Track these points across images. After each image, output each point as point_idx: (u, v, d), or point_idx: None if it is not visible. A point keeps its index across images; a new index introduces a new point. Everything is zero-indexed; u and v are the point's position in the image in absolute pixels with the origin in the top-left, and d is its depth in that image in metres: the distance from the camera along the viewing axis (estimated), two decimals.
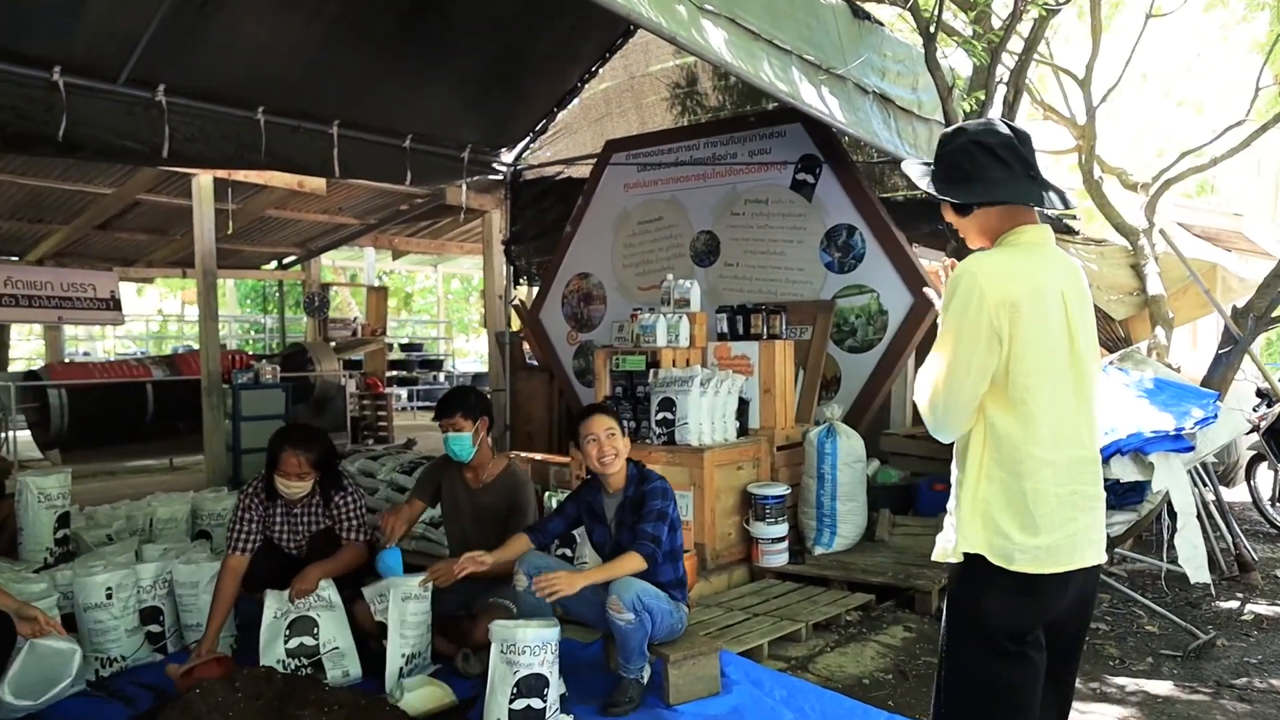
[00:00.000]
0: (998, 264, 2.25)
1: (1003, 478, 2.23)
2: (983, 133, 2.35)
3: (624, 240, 7.87)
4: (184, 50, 6.01)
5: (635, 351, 5.90)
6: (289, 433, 4.46)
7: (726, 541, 5.47)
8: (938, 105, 5.35)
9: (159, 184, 9.29)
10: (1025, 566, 2.20)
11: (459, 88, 7.55)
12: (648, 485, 3.96)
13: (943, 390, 2.23)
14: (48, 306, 10.21)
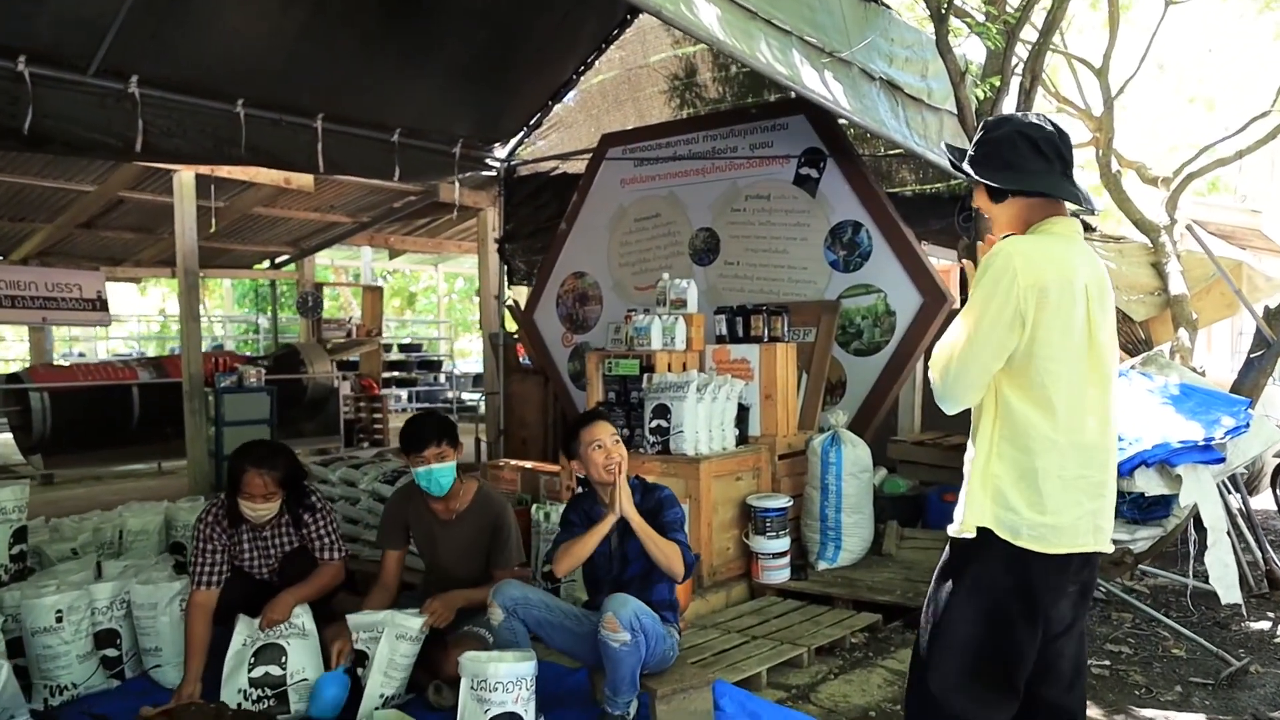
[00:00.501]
0: (1034, 248, 2.30)
1: (1013, 455, 2.29)
2: (1029, 126, 2.41)
3: (620, 238, 7.58)
4: (158, 39, 5.74)
5: (629, 355, 5.60)
6: (250, 451, 4.10)
7: (725, 557, 5.17)
8: (949, 93, 5.04)
9: (140, 181, 9.02)
10: (1031, 543, 2.26)
11: (449, 80, 7.27)
12: (659, 494, 3.75)
13: (957, 360, 2.30)
14: (31, 307, 9.96)
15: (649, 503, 3.70)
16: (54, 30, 5.43)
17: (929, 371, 2.41)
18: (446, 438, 4.02)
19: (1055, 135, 2.39)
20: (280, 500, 4.09)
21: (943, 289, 5.93)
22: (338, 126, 6.97)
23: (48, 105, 5.59)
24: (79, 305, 10.24)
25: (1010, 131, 2.41)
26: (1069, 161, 2.41)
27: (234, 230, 11.14)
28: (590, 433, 3.69)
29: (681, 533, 3.65)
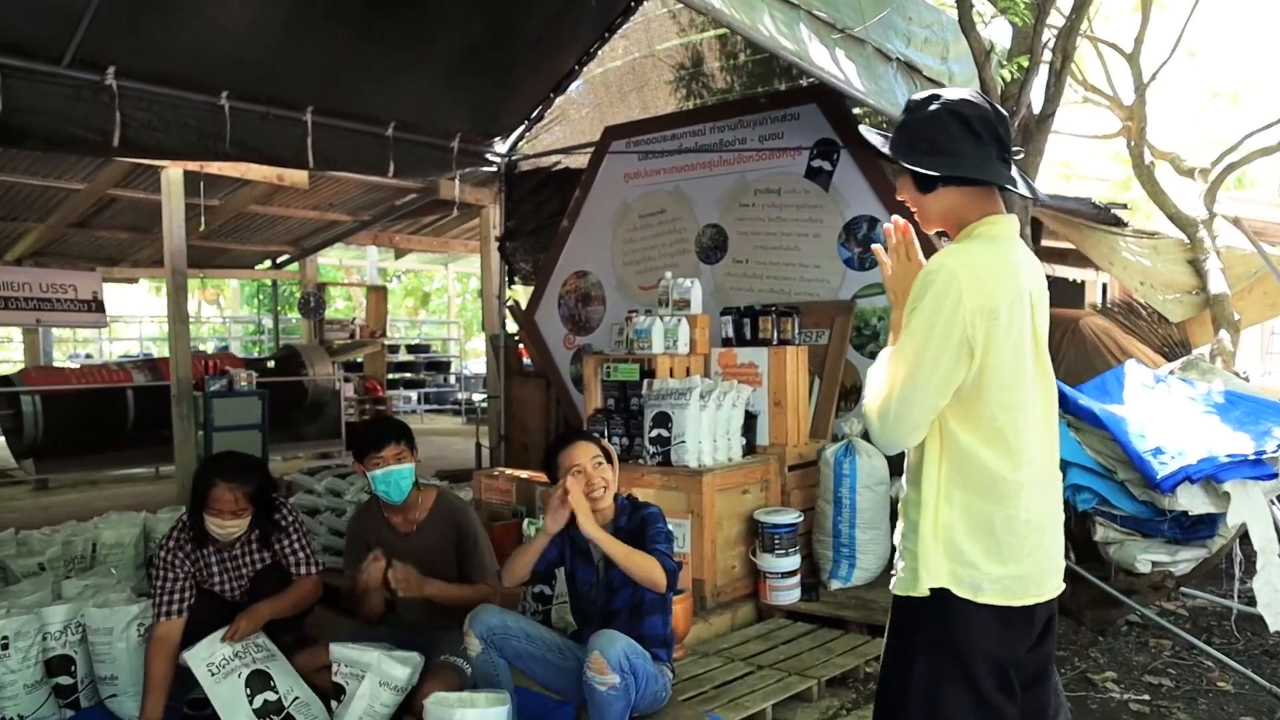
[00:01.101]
0: (978, 262, 2.02)
1: (966, 500, 2.04)
2: (960, 103, 2.10)
3: (624, 235, 7.25)
4: (135, 29, 5.44)
5: (628, 359, 5.27)
6: (219, 463, 3.83)
7: (729, 576, 4.82)
8: (971, 77, 4.68)
9: (129, 178, 8.76)
10: (995, 598, 2.01)
11: (445, 70, 6.94)
12: (645, 511, 3.40)
13: (897, 398, 2.02)
14: (25, 308, 9.70)
15: (633, 522, 3.37)
16: (24, 19, 5.15)
17: (863, 408, 2.13)
18: (405, 439, 3.77)
19: (991, 114, 2.10)
20: (249, 516, 3.80)
21: None
22: (328, 120, 6.66)
23: (20, 98, 5.31)
24: (74, 306, 9.98)
25: (938, 110, 2.10)
26: (1007, 145, 2.12)
27: (232, 229, 10.89)
28: (569, 456, 3.38)
29: (665, 545, 3.30)
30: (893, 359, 2.05)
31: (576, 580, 3.47)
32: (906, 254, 2.17)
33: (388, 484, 3.71)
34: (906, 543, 2.11)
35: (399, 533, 3.85)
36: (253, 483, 3.76)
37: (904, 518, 2.15)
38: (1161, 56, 6.33)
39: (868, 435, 5.20)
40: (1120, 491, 4.14)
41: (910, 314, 2.03)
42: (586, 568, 3.43)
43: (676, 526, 4.66)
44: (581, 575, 3.45)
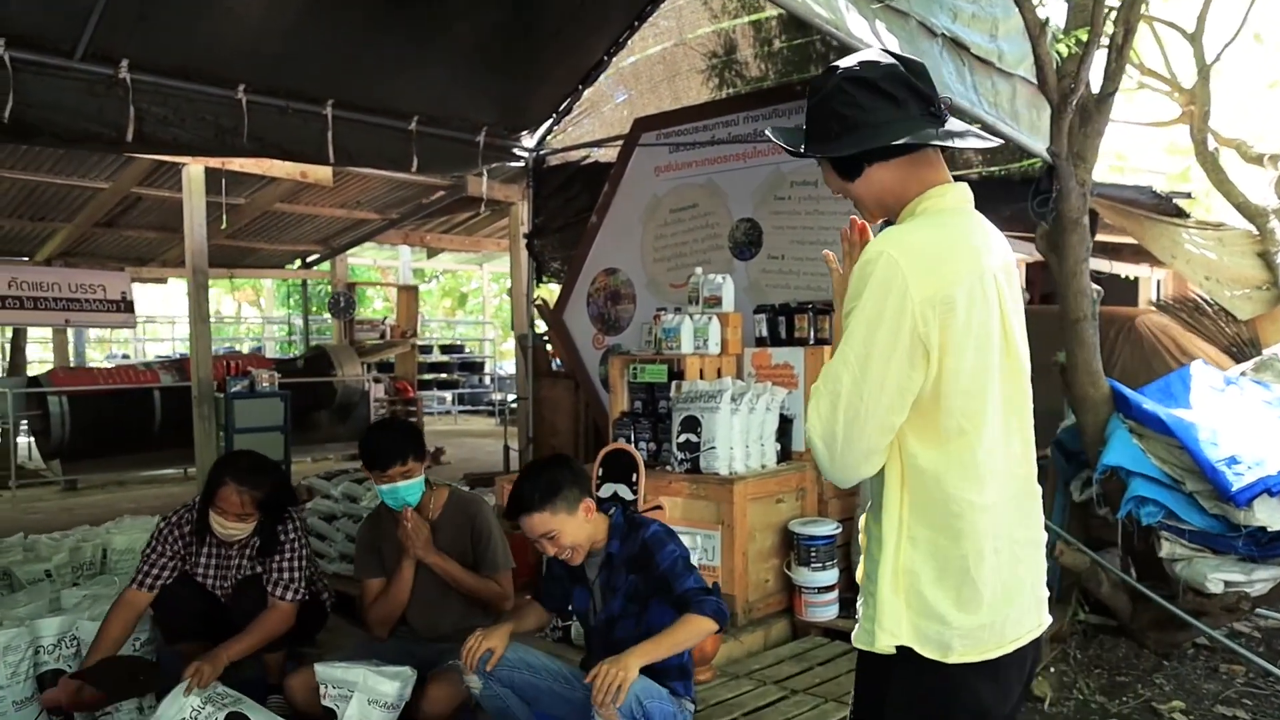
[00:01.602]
0: (924, 244, 1.69)
1: (930, 538, 1.70)
2: (858, 66, 1.79)
3: (654, 231, 6.97)
4: (147, 20, 5.25)
5: (656, 360, 5.00)
6: (234, 462, 3.67)
7: (762, 591, 4.54)
8: (1023, 58, 4.35)
9: (152, 177, 8.64)
10: (967, 655, 1.68)
11: (470, 62, 6.71)
12: (646, 534, 3.00)
13: (844, 419, 1.65)
14: (54, 308, 9.63)
15: (631, 548, 3.00)
16: (34, 11, 5.00)
17: (807, 435, 1.74)
18: (411, 452, 3.53)
19: (899, 67, 1.77)
20: (255, 522, 3.61)
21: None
22: (349, 114, 6.44)
23: (32, 93, 5.15)
24: (103, 306, 9.90)
25: (837, 82, 1.79)
26: (932, 98, 1.78)
27: (260, 229, 10.77)
28: (524, 530, 3.00)
29: (690, 575, 2.92)
30: (831, 371, 1.69)
31: (575, 607, 3.21)
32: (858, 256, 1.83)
33: (395, 499, 3.53)
34: (871, 586, 1.77)
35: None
36: (264, 488, 3.59)
37: (867, 558, 1.80)
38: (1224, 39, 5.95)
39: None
40: (1189, 504, 3.81)
41: (848, 316, 1.69)
42: (582, 592, 3.15)
43: (706, 538, 4.41)
44: (579, 602, 3.18)
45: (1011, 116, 4.43)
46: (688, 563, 2.97)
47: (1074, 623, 4.58)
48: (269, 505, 3.64)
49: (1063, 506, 4.97)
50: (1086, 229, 4.23)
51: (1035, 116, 4.67)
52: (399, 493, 3.48)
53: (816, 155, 1.84)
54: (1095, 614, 4.62)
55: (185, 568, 3.71)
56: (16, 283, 9.28)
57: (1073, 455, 4.82)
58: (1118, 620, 4.48)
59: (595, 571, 3.08)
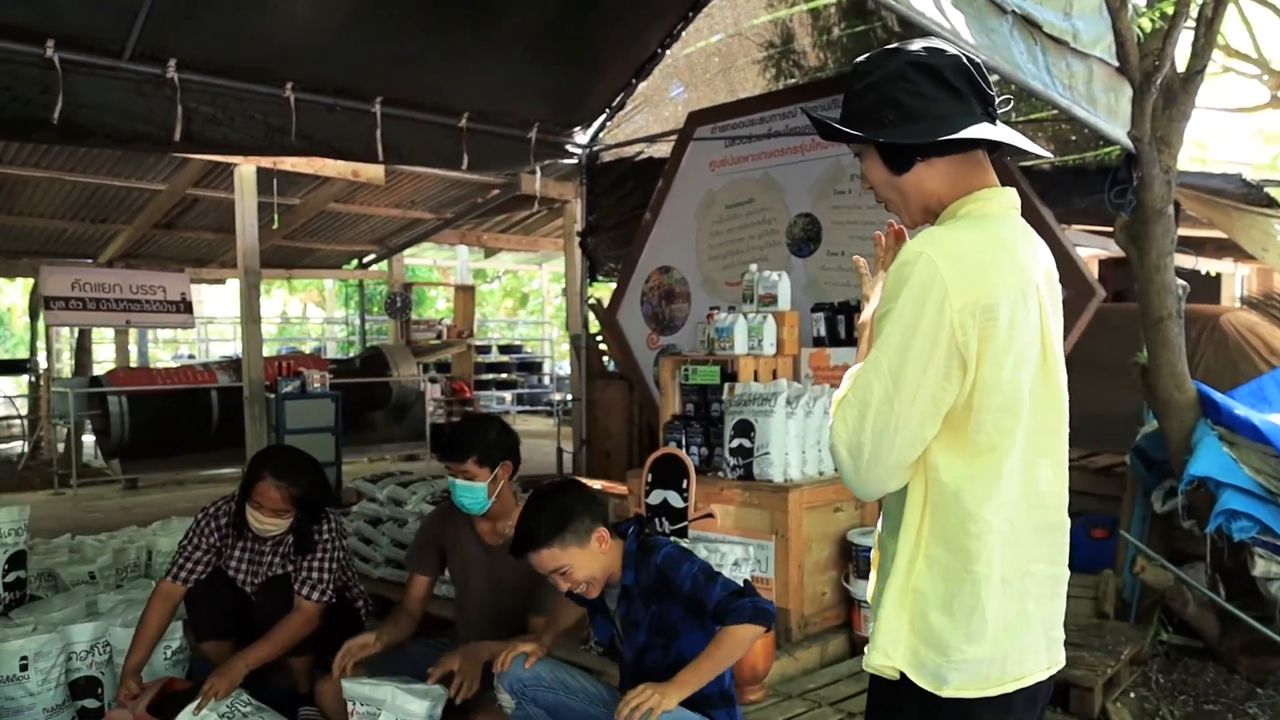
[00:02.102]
0: (967, 248, 1.60)
1: (946, 560, 1.62)
2: (925, 53, 1.69)
3: (710, 228, 6.76)
4: (193, 19, 5.24)
5: (708, 360, 4.80)
6: (272, 458, 3.60)
7: (819, 604, 4.30)
8: (1100, 37, 4.06)
9: (207, 178, 8.68)
10: (963, 689, 1.60)
11: (521, 56, 6.57)
12: (658, 557, 2.76)
13: (872, 430, 1.57)
14: (115, 309, 9.73)
15: (648, 577, 2.76)
16: (82, 11, 4.99)
17: (831, 444, 1.64)
18: (474, 454, 3.31)
19: (965, 62, 1.69)
20: (291, 520, 3.52)
21: (1089, 280, 4.94)
22: (398, 111, 6.36)
23: (81, 94, 5.17)
24: (163, 307, 9.99)
25: (899, 66, 1.68)
26: (991, 97, 1.70)
27: (315, 229, 10.80)
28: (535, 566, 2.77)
29: (714, 585, 2.66)
30: (861, 378, 1.60)
31: (596, 637, 3.05)
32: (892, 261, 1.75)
33: (455, 496, 3.38)
34: (875, 605, 1.71)
35: (483, 544, 3.49)
36: (301, 485, 3.51)
37: (882, 575, 1.72)
38: None
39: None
40: None
41: (882, 319, 1.59)
42: (603, 623, 2.94)
43: (759, 548, 4.19)
44: (599, 634, 2.99)
45: (1088, 100, 4.14)
46: (710, 574, 2.73)
47: (1156, 644, 4.27)
48: (306, 503, 3.56)
49: (1143, 518, 4.66)
50: (1171, 219, 3.93)
51: (1113, 100, 4.37)
52: (458, 490, 3.34)
53: (874, 141, 1.71)
54: (1180, 635, 4.30)
55: (219, 562, 3.66)
56: (79, 284, 9.39)
57: (1154, 463, 4.51)
58: (1204, 642, 4.16)
59: (615, 603, 2.86)
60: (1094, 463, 5.66)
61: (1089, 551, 4.93)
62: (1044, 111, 5.33)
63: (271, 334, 21.42)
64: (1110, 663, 3.85)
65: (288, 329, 23.17)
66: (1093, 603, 4.58)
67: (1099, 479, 5.44)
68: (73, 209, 9.30)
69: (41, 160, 8.01)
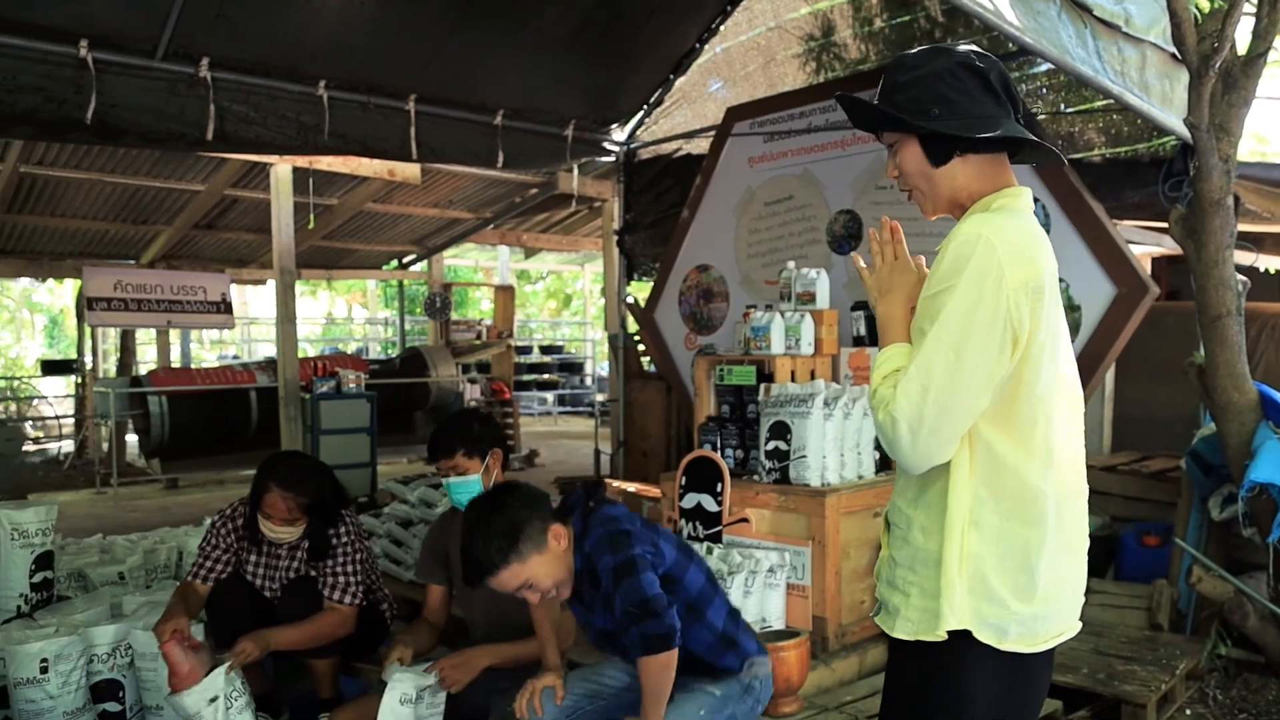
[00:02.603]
0: (1015, 232, 1.74)
1: (998, 524, 1.75)
2: (972, 55, 1.84)
3: (748, 225, 6.63)
4: (227, 17, 5.23)
5: (744, 360, 4.66)
6: (278, 466, 3.53)
7: (857, 613, 4.15)
8: (1154, 22, 3.88)
9: (245, 179, 8.69)
10: (1017, 644, 1.76)
11: (556, 52, 6.50)
12: (589, 542, 2.56)
13: (935, 402, 1.68)
14: (157, 310, 9.80)
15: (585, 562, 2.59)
16: (114, 11, 5.00)
17: (877, 419, 1.77)
18: (461, 446, 3.24)
19: (1004, 70, 1.85)
20: (304, 526, 3.47)
21: (1143, 277, 4.73)
22: (432, 108, 6.32)
23: (115, 93, 5.20)
24: (203, 308, 10.05)
25: (950, 64, 1.81)
26: (1020, 106, 1.87)
27: (354, 229, 10.80)
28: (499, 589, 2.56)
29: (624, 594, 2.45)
30: (923, 354, 1.70)
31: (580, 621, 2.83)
32: (895, 253, 1.97)
33: (451, 495, 3.31)
34: (913, 576, 1.80)
35: None
36: (308, 493, 3.46)
37: (904, 545, 1.84)
38: None
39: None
40: None
41: (937, 296, 1.70)
42: (578, 608, 2.77)
43: (795, 554, 4.06)
44: (576, 612, 2.82)
45: (1140, 87, 3.95)
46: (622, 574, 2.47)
47: (1213, 658, 4.07)
48: (317, 509, 3.51)
49: (1199, 525, 4.45)
50: (1230, 211, 3.73)
51: (1168, 88, 4.18)
52: (452, 489, 3.25)
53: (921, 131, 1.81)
54: (1239, 649, 4.10)
55: (237, 565, 3.61)
56: (121, 285, 9.48)
57: (1212, 468, 4.31)
58: (1266, 657, 3.95)
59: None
60: (1146, 467, 5.45)
61: (1141, 560, 4.75)
62: (1094, 100, 5.13)
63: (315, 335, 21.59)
64: (1165, 678, 3.67)
65: (332, 330, 23.35)
66: (1146, 614, 4.39)
67: (1152, 484, 5.23)
68: (114, 210, 9.38)
69: (82, 162, 8.08)
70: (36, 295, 22.70)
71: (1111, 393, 6.37)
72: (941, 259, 1.73)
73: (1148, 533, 4.86)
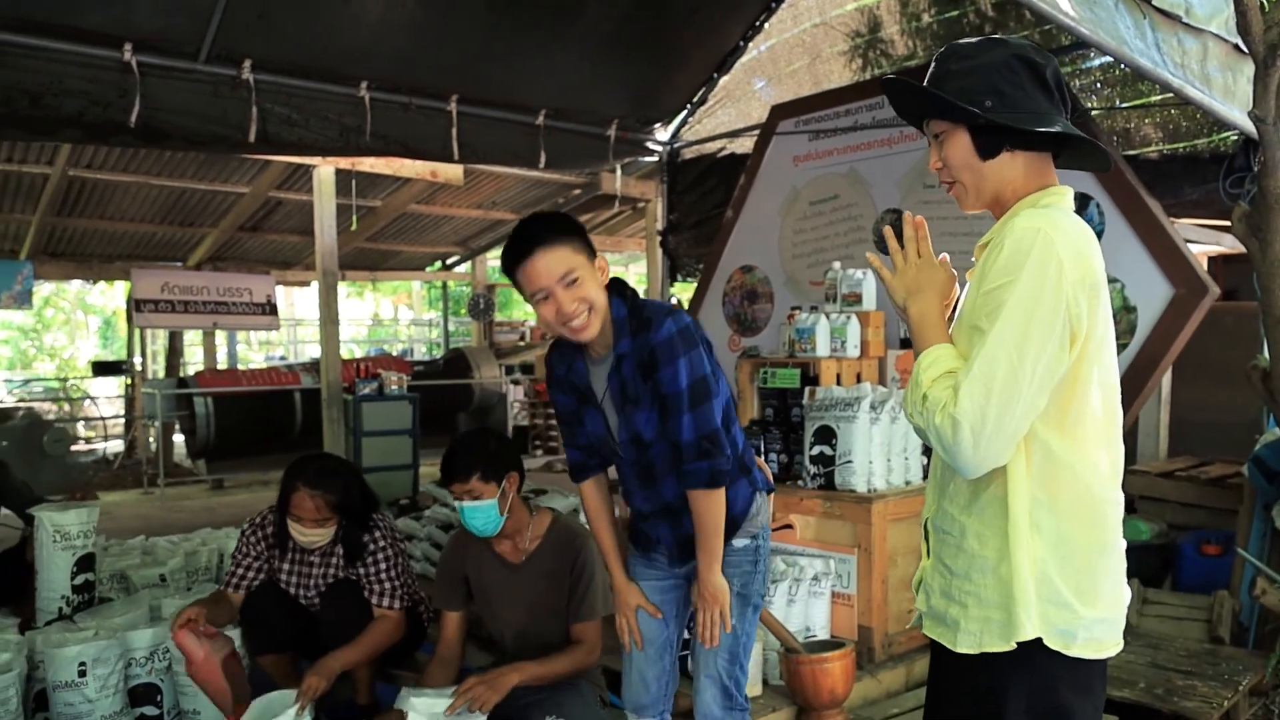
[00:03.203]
0: (1071, 228, 1.70)
1: (1058, 527, 1.71)
2: (1030, 49, 1.80)
3: (793, 225, 6.52)
4: (266, 19, 5.24)
5: (788, 364, 4.57)
6: (305, 466, 3.46)
7: (904, 622, 4.04)
8: (1216, 11, 3.73)
9: (289, 181, 8.74)
10: (1084, 649, 1.71)
11: (598, 51, 6.44)
12: (658, 335, 2.30)
13: (997, 401, 1.62)
14: (203, 312, 9.91)
15: (641, 353, 2.33)
16: (157, 14, 5.02)
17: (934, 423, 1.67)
18: (477, 469, 3.04)
19: (1058, 69, 1.81)
20: (335, 527, 3.42)
21: (1202, 276, 4.57)
22: (474, 109, 6.28)
23: (159, 97, 5.21)
24: (249, 309, 10.14)
25: (1006, 56, 1.77)
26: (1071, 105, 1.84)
27: (398, 231, 10.84)
28: (526, 278, 2.28)
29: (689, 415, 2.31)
30: (986, 352, 1.63)
31: (588, 434, 2.56)
32: (918, 251, 1.93)
33: (465, 520, 3.13)
34: (969, 585, 1.75)
35: (507, 564, 3.28)
36: (337, 491, 3.40)
37: (959, 554, 1.77)
38: None
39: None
40: None
41: (995, 291, 1.65)
42: (594, 414, 2.49)
43: (840, 562, 3.97)
44: (592, 426, 2.51)
45: (1201, 80, 3.80)
46: (701, 393, 2.31)
47: (1278, 674, 3.90)
48: (347, 509, 3.46)
49: (1262, 534, 4.28)
50: None
51: (1230, 81, 4.01)
52: (466, 513, 3.07)
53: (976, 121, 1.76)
54: None
55: (270, 573, 3.58)
56: (168, 287, 9.59)
57: (1276, 475, 4.14)
58: None
59: (605, 383, 2.43)
60: (1205, 473, 5.28)
61: (1201, 570, 4.59)
62: (1150, 95, 4.97)
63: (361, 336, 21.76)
64: (1226, 694, 3.52)
65: (378, 331, 23.53)
66: (1206, 626, 4.23)
67: (1211, 491, 5.06)
68: (161, 213, 9.50)
69: (130, 165, 8.18)
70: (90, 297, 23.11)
71: (1168, 396, 6.19)
72: (997, 253, 1.69)
73: (1207, 541, 4.70)
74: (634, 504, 2.61)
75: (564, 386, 2.54)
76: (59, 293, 22.85)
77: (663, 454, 2.43)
